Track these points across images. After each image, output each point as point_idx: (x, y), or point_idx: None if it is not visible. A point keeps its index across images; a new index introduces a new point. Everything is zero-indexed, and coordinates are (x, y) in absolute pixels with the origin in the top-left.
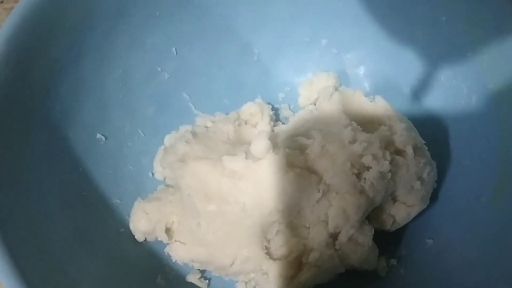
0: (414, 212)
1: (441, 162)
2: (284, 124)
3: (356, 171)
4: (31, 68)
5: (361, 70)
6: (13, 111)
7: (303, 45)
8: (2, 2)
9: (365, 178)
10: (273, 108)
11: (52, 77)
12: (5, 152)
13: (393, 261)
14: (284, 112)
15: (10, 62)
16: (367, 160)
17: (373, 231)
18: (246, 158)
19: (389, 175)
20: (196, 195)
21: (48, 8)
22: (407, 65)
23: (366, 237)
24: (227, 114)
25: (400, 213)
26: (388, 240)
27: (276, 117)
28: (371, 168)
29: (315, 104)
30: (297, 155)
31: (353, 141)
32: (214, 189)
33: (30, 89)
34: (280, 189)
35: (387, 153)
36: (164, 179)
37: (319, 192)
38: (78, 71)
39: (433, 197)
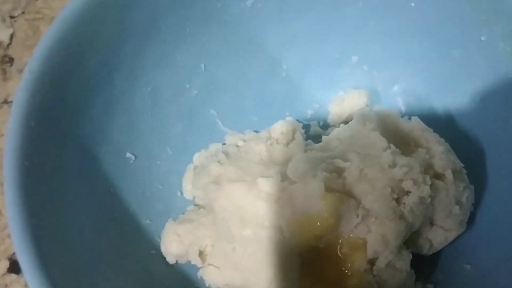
0: (452, 236)
1: (478, 184)
2: (313, 142)
3: (395, 196)
4: (65, 88)
5: (393, 88)
6: (48, 131)
7: (332, 62)
8: (23, 13)
9: (404, 203)
10: (302, 126)
11: (85, 96)
12: (39, 173)
13: (430, 286)
14: (313, 129)
15: (46, 83)
16: (407, 185)
17: (411, 256)
18: (282, 180)
19: (429, 199)
20: (231, 218)
21: (82, 28)
22: (441, 84)
23: (404, 263)
24: (255, 131)
25: (437, 238)
26: (424, 264)
27: (305, 135)
28: (410, 192)
29: (346, 123)
30: (334, 179)
31: (393, 165)
32: (249, 212)
33: (64, 109)
34: (317, 214)
35: (427, 177)
36: (194, 198)
37: (357, 217)
38: (109, 89)
39: (470, 220)
